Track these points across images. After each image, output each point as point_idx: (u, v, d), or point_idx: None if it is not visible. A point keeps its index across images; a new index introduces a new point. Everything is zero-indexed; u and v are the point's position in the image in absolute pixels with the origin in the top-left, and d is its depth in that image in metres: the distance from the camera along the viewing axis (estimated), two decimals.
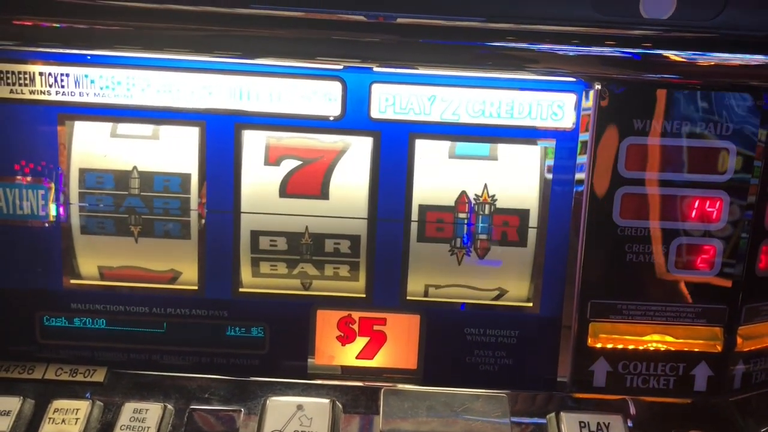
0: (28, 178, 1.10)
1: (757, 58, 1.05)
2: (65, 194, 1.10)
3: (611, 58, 1.04)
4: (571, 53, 1.04)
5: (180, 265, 1.13)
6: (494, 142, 1.10)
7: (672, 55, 1.04)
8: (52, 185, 1.10)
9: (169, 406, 1.07)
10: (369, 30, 1.04)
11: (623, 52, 1.04)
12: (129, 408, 1.06)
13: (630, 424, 1.08)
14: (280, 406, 1.07)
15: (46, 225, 1.11)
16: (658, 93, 1.05)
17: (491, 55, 1.04)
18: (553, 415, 1.09)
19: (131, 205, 1.11)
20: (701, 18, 1.02)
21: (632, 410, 1.11)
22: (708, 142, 1.06)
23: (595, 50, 1.04)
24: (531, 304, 1.13)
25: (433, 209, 1.12)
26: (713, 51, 1.04)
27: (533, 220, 1.11)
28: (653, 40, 1.04)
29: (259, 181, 1.11)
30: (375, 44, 1.04)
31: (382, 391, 1.10)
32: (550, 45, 1.04)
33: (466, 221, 1.12)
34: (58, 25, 1.03)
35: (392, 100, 1.07)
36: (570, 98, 1.07)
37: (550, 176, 1.10)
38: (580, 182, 1.08)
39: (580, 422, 1.07)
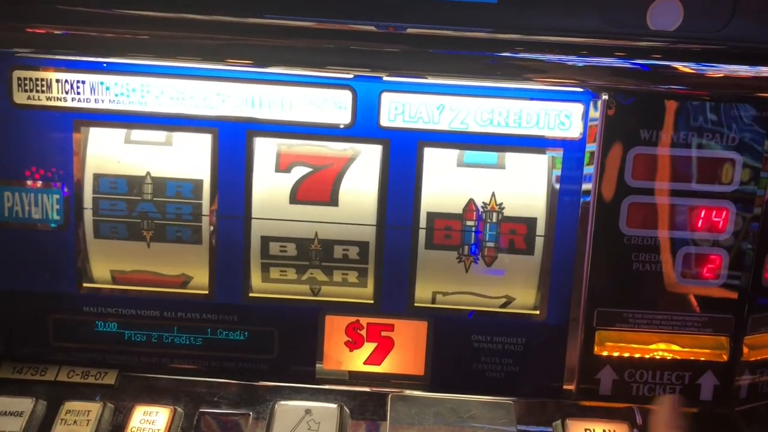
0: (43, 183, 1.11)
1: (765, 70, 1.05)
2: (79, 199, 1.12)
3: (620, 69, 1.05)
4: (580, 64, 1.05)
5: (191, 270, 1.15)
6: (502, 150, 1.11)
7: (681, 66, 1.04)
8: (67, 190, 1.12)
9: (179, 409, 1.08)
10: (379, 40, 1.05)
11: (633, 63, 1.04)
12: (139, 410, 1.07)
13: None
14: (288, 410, 1.08)
15: (60, 229, 1.13)
16: (666, 104, 1.06)
17: (500, 65, 1.05)
18: (559, 422, 1.09)
19: (144, 210, 1.13)
20: (708, 30, 1.03)
21: (638, 418, 1.11)
22: (714, 153, 1.07)
23: (604, 61, 1.05)
24: (538, 312, 1.14)
25: (441, 217, 1.12)
26: (720, 63, 1.05)
27: (540, 228, 1.12)
28: (661, 51, 1.04)
29: (269, 188, 1.13)
30: (385, 54, 1.06)
31: (390, 396, 1.11)
32: (559, 56, 1.04)
33: (473, 229, 1.13)
34: (72, 33, 1.05)
35: (401, 108, 1.09)
36: (577, 108, 1.08)
37: (557, 185, 1.10)
38: (587, 191, 1.09)
39: (585, 429, 1.07)
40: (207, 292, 1.14)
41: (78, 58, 1.07)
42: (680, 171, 1.07)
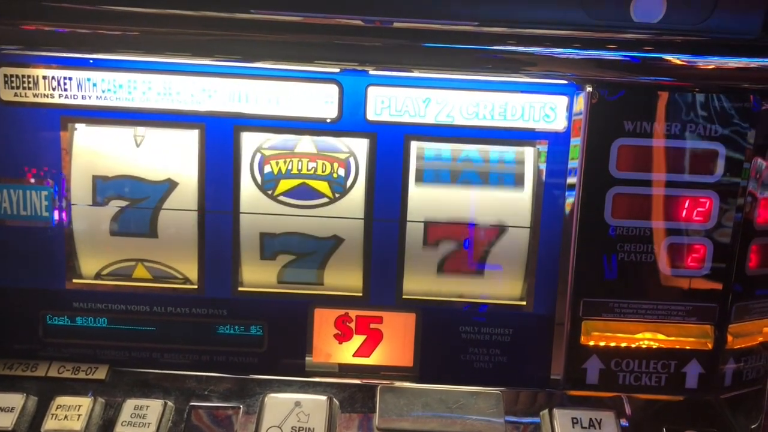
0: (32, 180, 1.12)
1: (748, 61, 1.06)
2: (68, 196, 1.12)
3: (612, 62, 1.05)
4: (572, 56, 1.05)
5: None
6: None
7: (672, 58, 1.05)
8: (55, 187, 1.12)
9: (170, 403, 1.09)
10: (366, 34, 1.05)
11: (624, 56, 1.05)
12: (130, 405, 1.07)
13: (622, 420, 1.09)
14: (278, 402, 1.09)
15: (49, 226, 1.13)
16: (650, 95, 1.07)
17: (491, 59, 1.05)
18: (546, 411, 1.10)
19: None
20: (691, 22, 1.04)
21: (625, 407, 1.12)
22: (697, 144, 1.08)
23: (596, 54, 1.05)
24: (524, 303, 1.15)
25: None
26: (704, 54, 1.06)
27: (526, 220, 1.13)
28: (649, 43, 1.05)
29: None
30: (371, 48, 1.06)
31: (379, 388, 1.12)
32: (550, 48, 1.05)
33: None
34: (60, 30, 1.05)
35: (388, 102, 1.09)
36: (562, 100, 1.09)
37: (542, 176, 1.11)
38: (572, 183, 1.10)
39: (572, 418, 1.08)
40: (196, 286, 1.15)
41: (65, 54, 1.07)
42: (664, 162, 1.08)
